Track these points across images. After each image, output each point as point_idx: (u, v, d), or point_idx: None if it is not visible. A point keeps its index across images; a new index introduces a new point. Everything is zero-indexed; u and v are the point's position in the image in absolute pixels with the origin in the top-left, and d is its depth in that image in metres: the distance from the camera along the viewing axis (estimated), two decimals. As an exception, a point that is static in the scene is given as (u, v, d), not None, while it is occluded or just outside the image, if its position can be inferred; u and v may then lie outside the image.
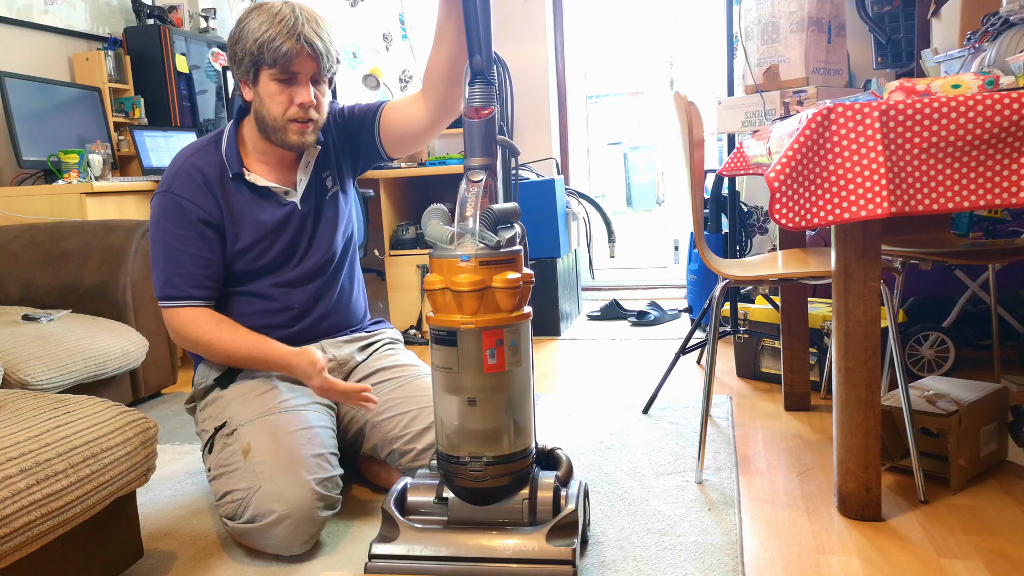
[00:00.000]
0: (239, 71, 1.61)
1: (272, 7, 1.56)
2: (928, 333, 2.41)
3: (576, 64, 4.28)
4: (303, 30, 1.54)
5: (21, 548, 1.10)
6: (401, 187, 3.78)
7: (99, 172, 3.00)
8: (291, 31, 1.53)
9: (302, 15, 1.56)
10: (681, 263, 4.22)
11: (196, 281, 1.62)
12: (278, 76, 1.57)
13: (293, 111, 1.59)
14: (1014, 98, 1.29)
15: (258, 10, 1.57)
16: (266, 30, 1.54)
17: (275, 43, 1.53)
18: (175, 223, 1.62)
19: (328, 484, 1.49)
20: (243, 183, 1.66)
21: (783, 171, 1.37)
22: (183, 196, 1.62)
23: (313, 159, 1.74)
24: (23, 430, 1.19)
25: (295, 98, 1.58)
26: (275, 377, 1.68)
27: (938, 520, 1.51)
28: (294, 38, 1.53)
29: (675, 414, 2.24)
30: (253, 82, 1.60)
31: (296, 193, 1.71)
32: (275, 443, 1.50)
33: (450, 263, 1.30)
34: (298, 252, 1.72)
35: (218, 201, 1.64)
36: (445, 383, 1.34)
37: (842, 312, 1.48)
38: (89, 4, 3.61)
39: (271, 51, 1.53)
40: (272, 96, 1.59)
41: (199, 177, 1.63)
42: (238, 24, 1.60)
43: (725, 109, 2.69)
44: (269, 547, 1.46)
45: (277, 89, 1.58)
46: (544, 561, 1.26)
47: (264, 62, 1.55)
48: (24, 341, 2.08)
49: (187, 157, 1.66)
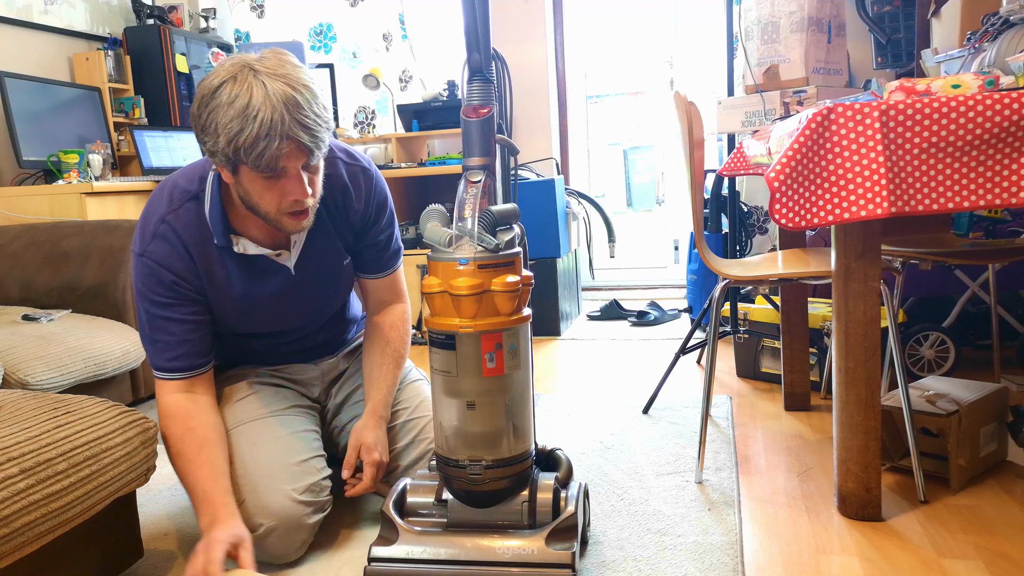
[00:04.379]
0: (212, 159, 1.33)
1: (241, 97, 1.23)
2: (928, 333, 2.41)
3: (576, 64, 4.28)
4: (287, 129, 1.24)
5: (21, 548, 1.10)
6: (401, 187, 3.78)
7: (99, 172, 3.00)
8: (271, 132, 1.23)
9: (281, 105, 1.23)
10: (681, 263, 4.22)
11: (177, 352, 1.46)
12: (263, 174, 1.30)
13: (287, 205, 1.34)
14: (1014, 98, 1.29)
15: (225, 95, 1.24)
16: (240, 129, 1.23)
17: (256, 148, 1.24)
18: (153, 291, 1.45)
19: (314, 489, 1.47)
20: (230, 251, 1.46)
21: (783, 171, 1.37)
22: (159, 263, 1.43)
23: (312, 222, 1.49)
24: (23, 430, 1.19)
25: (287, 195, 1.33)
26: (255, 382, 1.64)
27: (938, 520, 1.51)
28: (277, 140, 1.24)
29: (675, 414, 2.24)
30: (232, 172, 1.33)
31: (290, 257, 1.51)
32: (255, 454, 1.48)
33: (448, 266, 1.29)
34: (292, 311, 1.58)
35: (198, 271, 1.45)
36: (444, 386, 1.34)
37: (842, 312, 1.48)
38: (89, 4, 3.61)
39: (250, 155, 1.25)
40: (260, 193, 1.33)
41: (176, 243, 1.43)
42: (201, 105, 1.27)
43: (725, 109, 2.69)
44: (262, 556, 1.46)
45: (265, 186, 1.32)
46: (544, 565, 1.26)
47: (243, 163, 1.28)
48: (24, 341, 2.08)
49: (162, 217, 1.44)
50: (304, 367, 1.72)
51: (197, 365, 1.49)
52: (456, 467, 1.34)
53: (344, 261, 1.60)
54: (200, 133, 1.30)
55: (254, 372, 1.67)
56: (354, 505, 1.72)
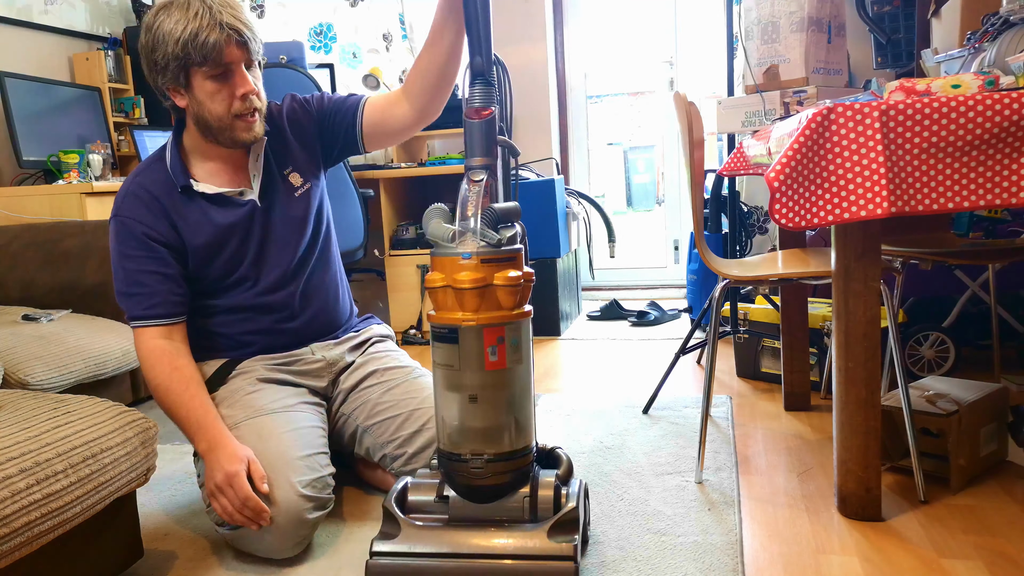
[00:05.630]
0: (165, 79, 1.51)
1: (179, 3, 1.47)
2: (928, 333, 2.41)
3: (576, 64, 4.28)
4: (223, 18, 1.46)
5: (21, 548, 1.10)
6: (401, 187, 3.78)
7: (99, 172, 3.00)
8: (211, 22, 1.45)
9: (215, 3, 1.47)
10: (681, 263, 4.22)
11: (152, 300, 1.57)
12: (212, 72, 1.49)
13: (237, 106, 1.53)
14: (1014, 98, 1.29)
15: (165, 11, 1.48)
16: (184, 27, 1.44)
17: (199, 38, 1.44)
18: (126, 245, 1.57)
19: (317, 485, 1.48)
20: (194, 194, 1.60)
21: (783, 171, 1.37)
22: (130, 217, 1.56)
23: (262, 151, 1.66)
24: (23, 430, 1.19)
25: (236, 91, 1.52)
26: (263, 378, 1.66)
27: (938, 520, 1.51)
28: (217, 28, 1.45)
29: (675, 414, 2.24)
30: (186, 87, 1.52)
31: (252, 191, 1.65)
32: (261, 446, 1.49)
33: (451, 261, 1.30)
34: (268, 251, 1.66)
35: (169, 217, 1.58)
36: (446, 380, 1.34)
37: (842, 312, 1.48)
38: (89, 4, 3.61)
39: (197, 48, 1.45)
40: (211, 96, 1.51)
41: (145, 196, 1.58)
42: (147, 31, 1.49)
43: (725, 109, 2.69)
44: (261, 551, 1.46)
45: (215, 87, 1.51)
46: (545, 557, 1.27)
47: (193, 62, 1.47)
48: (24, 341, 2.08)
49: (133, 178, 1.61)
50: (305, 355, 1.72)
51: (174, 313, 1.59)
52: (458, 461, 1.34)
53: (311, 186, 1.71)
54: (151, 55, 1.50)
55: (261, 369, 1.68)
56: (355, 505, 1.72)
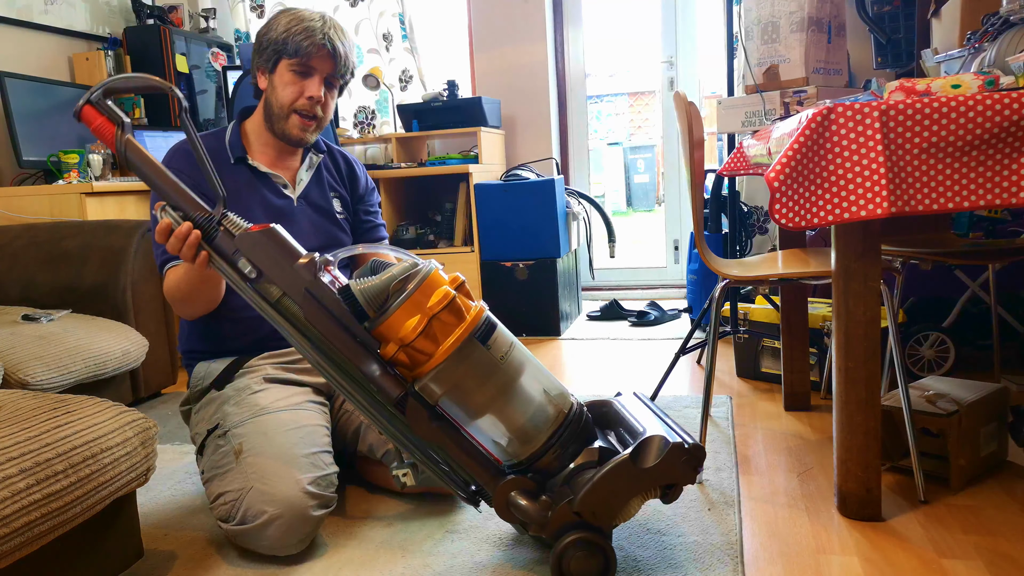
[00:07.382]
0: (259, 59, 1.72)
1: (304, 11, 1.70)
2: (928, 333, 2.41)
3: (576, 64, 4.29)
4: (328, 32, 1.68)
5: (21, 548, 1.10)
6: (401, 187, 3.78)
7: (99, 172, 3.00)
8: (317, 31, 1.67)
9: (329, 21, 1.71)
10: (681, 263, 4.22)
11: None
12: (295, 67, 1.68)
13: (301, 102, 1.69)
14: (1014, 98, 1.29)
15: (291, 11, 1.71)
16: (294, 26, 1.67)
17: (299, 37, 1.66)
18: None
19: (321, 483, 1.48)
20: (244, 167, 1.74)
21: (783, 171, 1.37)
22: (175, 167, 1.64)
23: (317, 166, 1.83)
24: (23, 430, 1.19)
25: (306, 90, 1.69)
26: (269, 377, 1.67)
27: (938, 520, 1.51)
28: (318, 36, 1.66)
29: (675, 414, 2.24)
30: (271, 70, 1.71)
31: (294, 189, 1.79)
32: (267, 443, 1.50)
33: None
34: None
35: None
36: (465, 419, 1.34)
37: (842, 312, 1.48)
38: (89, 4, 3.61)
39: (294, 43, 1.66)
40: (285, 85, 1.69)
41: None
42: (269, 21, 1.73)
43: (725, 109, 2.69)
44: (263, 548, 1.46)
45: (291, 79, 1.69)
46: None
47: (286, 52, 1.67)
48: (24, 341, 2.08)
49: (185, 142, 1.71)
50: None
51: None
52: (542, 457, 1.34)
53: (339, 214, 1.86)
54: (261, 36, 1.70)
55: (268, 368, 1.69)
56: (355, 505, 1.72)
